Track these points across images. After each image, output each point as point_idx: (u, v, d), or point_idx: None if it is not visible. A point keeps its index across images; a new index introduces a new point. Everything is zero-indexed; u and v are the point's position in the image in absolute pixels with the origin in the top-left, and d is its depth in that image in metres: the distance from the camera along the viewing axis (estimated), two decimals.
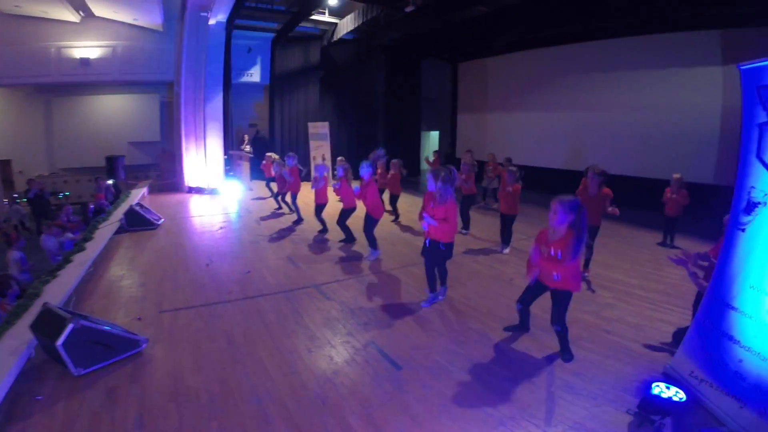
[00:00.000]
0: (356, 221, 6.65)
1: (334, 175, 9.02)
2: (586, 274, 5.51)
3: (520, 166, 6.77)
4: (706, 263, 3.52)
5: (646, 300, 4.77)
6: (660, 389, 2.88)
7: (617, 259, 6.22)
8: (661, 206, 7.08)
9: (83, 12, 11.53)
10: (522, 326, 3.97)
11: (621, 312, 4.44)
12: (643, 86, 9.93)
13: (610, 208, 5.15)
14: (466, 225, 7.63)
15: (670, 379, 3.08)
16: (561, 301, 3.40)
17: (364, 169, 6.03)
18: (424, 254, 4.59)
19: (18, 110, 13.14)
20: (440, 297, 4.68)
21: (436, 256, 4.42)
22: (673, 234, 7.07)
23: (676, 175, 6.89)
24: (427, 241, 4.44)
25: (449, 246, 4.38)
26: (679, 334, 3.63)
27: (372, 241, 6.15)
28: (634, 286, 5.21)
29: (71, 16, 11.48)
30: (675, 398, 2.83)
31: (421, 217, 4.33)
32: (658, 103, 9.68)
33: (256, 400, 2.95)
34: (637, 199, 8.77)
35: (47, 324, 3.29)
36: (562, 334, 3.49)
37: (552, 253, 3.25)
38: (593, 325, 4.12)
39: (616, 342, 3.80)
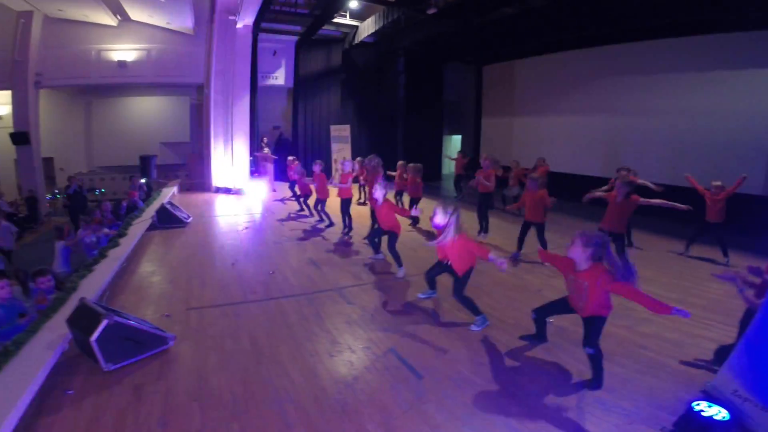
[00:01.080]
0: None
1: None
2: None
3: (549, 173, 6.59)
4: (758, 279, 3.33)
5: None
6: (701, 407, 2.76)
7: (655, 272, 5.92)
8: (700, 216, 6.63)
9: (120, 16, 12.04)
10: (539, 337, 3.82)
11: (658, 327, 4.24)
12: (682, 90, 9.54)
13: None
14: (484, 228, 7.46)
15: (710, 398, 2.96)
16: (592, 324, 3.21)
17: (378, 191, 5.62)
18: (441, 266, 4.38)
19: (61, 111, 13.89)
20: (474, 327, 4.16)
21: (454, 280, 4.21)
22: (725, 246, 6.50)
23: (717, 183, 6.55)
24: (447, 262, 4.24)
25: (465, 276, 4.15)
26: (721, 352, 3.44)
27: (396, 257, 5.79)
28: (672, 300, 4.86)
29: (109, 19, 12.00)
30: (717, 417, 2.70)
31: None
32: (698, 107, 9.27)
33: (277, 404, 2.96)
34: (676, 211, 8.42)
35: (83, 319, 3.39)
36: (596, 357, 3.21)
37: (582, 284, 3.12)
38: (628, 341, 3.96)
39: (652, 358, 3.64)
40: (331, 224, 8.34)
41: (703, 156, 9.17)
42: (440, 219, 4.09)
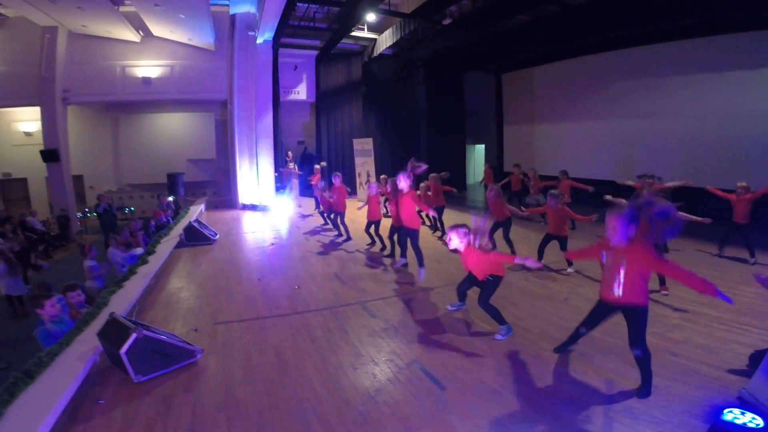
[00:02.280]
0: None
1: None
2: (663, 292, 5.16)
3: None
4: None
5: (718, 320, 4.40)
6: (734, 415, 2.66)
7: None
8: (724, 217, 6.59)
9: (143, 32, 12.36)
10: (570, 343, 3.74)
11: (689, 333, 4.13)
12: (701, 92, 9.38)
13: None
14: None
15: (744, 404, 2.85)
16: (633, 319, 3.10)
17: (402, 181, 5.92)
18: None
19: (89, 127, 14.19)
20: (499, 336, 4.13)
21: (481, 286, 4.20)
22: (752, 247, 6.51)
23: (742, 184, 6.55)
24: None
25: (491, 284, 4.12)
26: (756, 357, 3.35)
27: (419, 255, 5.97)
28: (704, 305, 4.79)
29: (132, 35, 12.32)
30: (751, 425, 2.59)
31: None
32: (717, 108, 9.10)
33: (300, 415, 2.98)
34: (701, 212, 8.15)
35: (113, 332, 3.50)
36: (643, 360, 3.09)
37: (621, 261, 3.04)
38: (658, 347, 3.80)
39: (684, 365, 3.53)
40: (348, 239, 8.41)
41: (723, 157, 8.99)
42: (455, 244, 4.10)
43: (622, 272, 3.05)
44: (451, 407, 3.06)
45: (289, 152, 14.27)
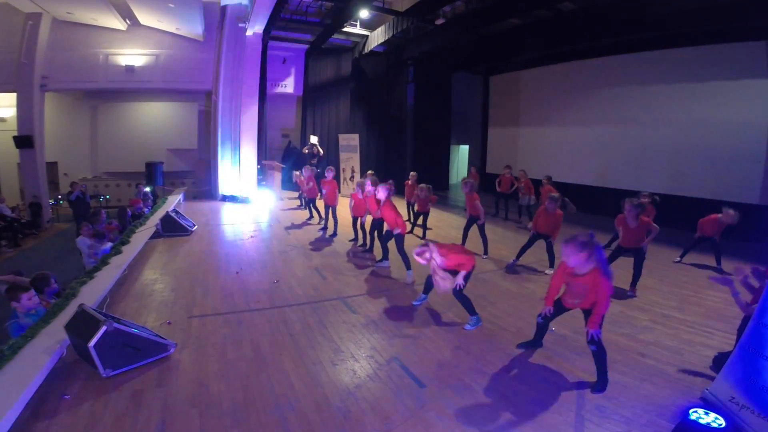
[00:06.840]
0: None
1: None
2: (631, 293, 5.36)
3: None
4: (757, 284, 3.38)
5: (685, 323, 4.57)
6: (698, 415, 2.77)
7: (655, 280, 5.97)
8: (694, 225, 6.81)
9: (130, 20, 12.08)
10: (535, 342, 3.88)
11: (658, 335, 4.27)
12: (684, 100, 9.61)
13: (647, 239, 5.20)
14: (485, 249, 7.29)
15: (708, 405, 2.97)
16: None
17: (381, 192, 5.93)
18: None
19: (67, 114, 13.83)
20: (468, 327, 4.34)
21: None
22: (719, 255, 6.69)
23: (730, 211, 6.50)
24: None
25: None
26: (720, 359, 3.51)
27: (404, 259, 5.86)
28: (672, 308, 5.00)
29: (119, 24, 12.03)
30: (714, 425, 2.70)
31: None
32: (699, 117, 9.34)
33: (278, 411, 2.93)
34: (676, 219, 8.39)
35: (82, 325, 3.37)
36: (599, 355, 3.24)
37: (581, 289, 3.26)
38: (628, 348, 3.97)
39: (651, 366, 3.65)
40: (334, 234, 8.34)
41: (701, 165, 9.27)
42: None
43: (583, 292, 3.28)
44: (430, 404, 3.06)
45: (306, 149, 13.50)
